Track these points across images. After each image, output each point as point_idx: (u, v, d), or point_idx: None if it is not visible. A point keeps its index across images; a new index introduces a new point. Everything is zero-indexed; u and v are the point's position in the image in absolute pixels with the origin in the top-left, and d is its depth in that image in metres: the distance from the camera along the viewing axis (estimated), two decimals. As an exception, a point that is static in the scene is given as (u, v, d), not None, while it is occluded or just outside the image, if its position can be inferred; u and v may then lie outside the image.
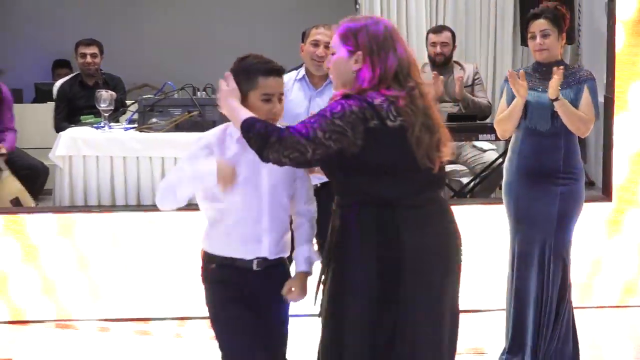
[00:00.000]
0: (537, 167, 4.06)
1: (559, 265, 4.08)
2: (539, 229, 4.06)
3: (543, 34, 4.00)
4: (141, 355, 4.58)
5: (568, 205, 4.03)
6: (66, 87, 6.54)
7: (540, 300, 4.13)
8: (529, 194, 4.08)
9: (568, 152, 4.01)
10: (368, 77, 2.46)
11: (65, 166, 5.33)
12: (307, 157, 2.40)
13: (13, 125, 6.02)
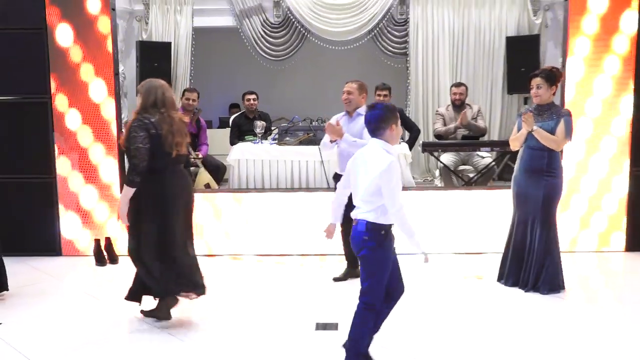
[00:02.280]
0: (531, 167, 4.85)
1: (543, 231, 4.82)
2: (531, 206, 4.86)
3: (538, 87, 4.76)
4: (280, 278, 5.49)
5: (550, 192, 4.82)
6: (237, 119, 7.85)
7: (528, 250, 4.93)
8: (526, 183, 4.89)
9: (550, 159, 4.78)
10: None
11: (236, 165, 6.76)
12: (146, 156, 3.86)
13: (206, 141, 7.41)
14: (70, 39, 5.85)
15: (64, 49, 5.86)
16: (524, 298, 4.86)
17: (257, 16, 8.92)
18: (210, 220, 6.13)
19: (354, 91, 5.04)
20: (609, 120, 5.88)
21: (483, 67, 8.74)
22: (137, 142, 3.89)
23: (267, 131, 7.28)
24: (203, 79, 9.22)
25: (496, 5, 8.58)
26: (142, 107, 4.05)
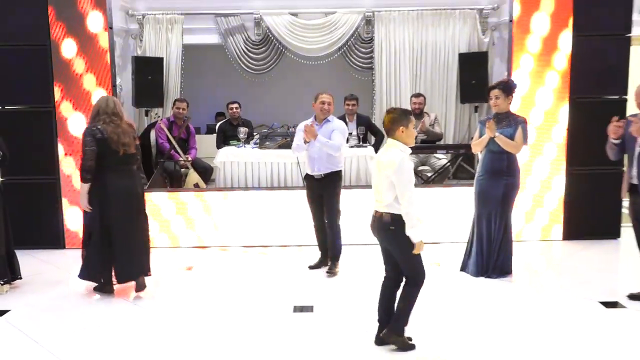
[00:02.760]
0: (492, 169, 4.85)
1: (501, 224, 4.88)
2: (491, 203, 4.88)
3: (496, 97, 4.79)
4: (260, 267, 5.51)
5: (508, 190, 4.85)
6: (222, 126, 7.84)
7: (487, 240, 4.96)
8: (487, 183, 4.89)
9: (508, 161, 4.81)
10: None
11: (222, 167, 6.75)
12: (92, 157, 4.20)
13: (195, 145, 7.43)
14: (74, 52, 5.81)
15: (68, 61, 5.82)
16: (478, 281, 4.93)
17: (240, 34, 8.92)
18: (200, 215, 6.13)
19: (331, 102, 5.09)
20: (550, 128, 5.98)
21: (439, 80, 8.79)
22: (86, 145, 4.28)
23: (249, 136, 7.31)
24: (192, 90, 9.19)
25: (450, 26, 8.64)
26: (91, 118, 4.45)
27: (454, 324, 4.01)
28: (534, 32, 5.83)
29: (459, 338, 3.79)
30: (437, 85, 8.79)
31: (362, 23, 8.76)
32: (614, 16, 5.91)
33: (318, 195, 5.04)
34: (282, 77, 9.51)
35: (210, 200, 6.14)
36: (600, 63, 5.85)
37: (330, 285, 4.87)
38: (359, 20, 8.72)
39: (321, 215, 5.16)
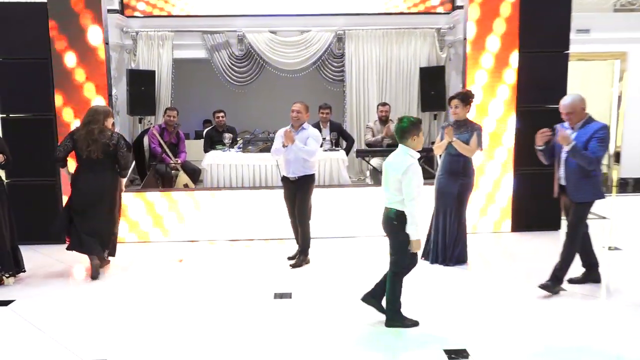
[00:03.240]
0: (450, 169, 4.90)
1: (456, 218, 4.93)
2: (447, 201, 4.93)
3: (456, 106, 4.83)
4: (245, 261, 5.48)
5: (463, 189, 4.89)
6: (209, 132, 7.75)
7: (444, 232, 4.99)
8: (445, 182, 4.93)
9: (464, 163, 4.85)
10: None
11: (209, 169, 6.74)
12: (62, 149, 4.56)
13: (185, 150, 7.34)
14: (74, 63, 5.70)
15: (70, 70, 5.71)
16: (437, 269, 4.97)
17: (224, 50, 8.90)
18: (190, 212, 6.06)
19: (301, 110, 5.02)
20: (501, 134, 6.02)
21: (402, 91, 8.87)
22: (63, 140, 4.80)
23: (234, 141, 7.27)
24: (182, 100, 9.11)
25: (412, 43, 8.72)
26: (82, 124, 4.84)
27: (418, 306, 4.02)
28: (487, 51, 5.87)
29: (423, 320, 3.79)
30: (401, 96, 8.86)
31: (334, 40, 8.81)
32: (554, 36, 5.99)
33: (293, 194, 5.03)
34: (263, 88, 9.48)
35: (200, 198, 6.07)
36: (543, 76, 5.91)
37: (307, 275, 4.87)
38: (332, 38, 8.77)
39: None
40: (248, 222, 6.04)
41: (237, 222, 6.04)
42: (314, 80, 9.24)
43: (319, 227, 5.90)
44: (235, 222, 6.03)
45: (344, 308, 4.03)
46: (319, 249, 5.53)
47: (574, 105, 4.06)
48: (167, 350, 3.42)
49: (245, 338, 3.55)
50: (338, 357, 3.27)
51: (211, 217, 6.06)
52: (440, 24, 8.62)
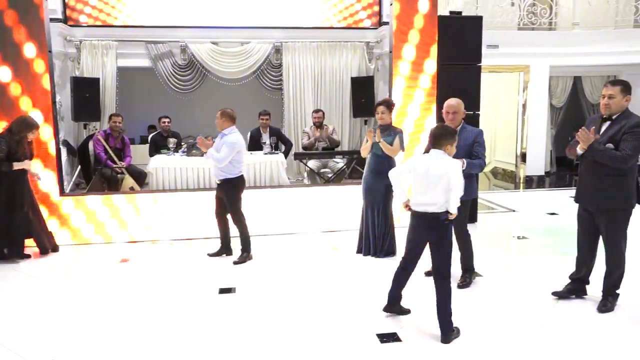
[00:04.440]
0: (375, 169, 4.91)
1: (384, 214, 4.96)
2: (375, 198, 4.95)
3: (382, 112, 4.88)
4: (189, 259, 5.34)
5: (389, 188, 4.66)
6: (154, 137, 7.56)
7: (373, 227, 5.01)
8: (372, 181, 4.94)
9: (388, 163, 4.84)
10: None
11: (154, 172, 6.56)
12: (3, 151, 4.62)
13: (130, 154, 7.10)
14: (9, 77, 5.30)
15: (4, 85, 5.30)
16: (370, 261, 5.01)
17: (168, 59, 8.66)
18: (135, 214, 5.82)
19: (218, 117, 4.92)
20: (419, 135, 6.11)
21: (336, 98, 8.92)
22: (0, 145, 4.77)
23: (178, 146, 7.06)
24: (127, 106, 8.73)
25: (343, 55, 8.82)
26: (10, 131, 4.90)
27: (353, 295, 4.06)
28: (404, 59, 5.97)
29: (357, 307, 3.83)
30: (334, 103, 8.93)
31: (272, 51, 8.78)
32: (468, 50, 6.20)
33: (219, 196, 4.98)
34: (206, 95, 9.23)
35: (145, 200, 5.85)
36: (459, 86, 6.00)
37: (249, 270, 4.80)
38: (270, 49, 8.74)
39: (220, 212, 5.06)
40: (190, 222, 5.87)
41: (180, 221, 5.86)
42: (254, 88, 9.16)
43: (261, 225, 5.87)
44: (178, 222, 5.85)
45: (284, 301, 4.00)
46: (261, 246, 5.48)
47: (459, 106, 4.07)
48: (113, 348, 3.28)
49: (191, 332, 3.45)
50: (279, 347, 3.24)
51: (155, 219, 5.85)
52: (369, 38, 8.77)
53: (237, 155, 4.81)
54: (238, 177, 4.89)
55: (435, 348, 3.19)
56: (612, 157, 3.37)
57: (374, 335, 3.36)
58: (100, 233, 5.75)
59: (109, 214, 5.73)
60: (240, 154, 4.86)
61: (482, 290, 4.19)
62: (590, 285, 3.90)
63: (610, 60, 9.45)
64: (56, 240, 5.46)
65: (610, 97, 3.48)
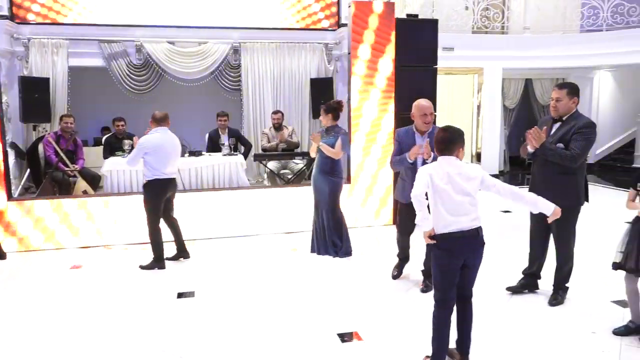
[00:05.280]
0: (321, 170, 4.97)
1: (331, 213, 4.99)
2: (322, 197, 5.00)
3: (321, 115, 4.99)
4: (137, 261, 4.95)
5: (333, 187, 4.94)
6: (108, 139, 7.28)
7: (322, 226, 5.07)
8: (319, 180, 4.99)
9: (332, 164, 4.91)
10: None
11: (109, 175, 6.38)
12: None
13: (83, 156, 6.86)
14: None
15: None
16: (327, 261, 5.02)
17: (122, 59, 8.44)
18: (88, 218, 5.62)
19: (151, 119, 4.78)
20: (375, 134, 6.18)
21: (295, 99, 8.93)
22: None
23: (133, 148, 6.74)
24: (79, 107, 8.47)
25: (302, 56, 8.84)
26: None
27: (311, 297, 4.06)
28: (360, 58, 6.00)
29: (316, 309, 3.83)
30: (294, 104, 8.93)
31: (230, 52, 8.72)
32: (425, 52, 6.30)
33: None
34: (163, 96, 9.05)
35: (98, 204, 5.65)
36: (417, 87, 6.10)
37: (210, 272, 4.72)
38: (228, 50, 8.67)
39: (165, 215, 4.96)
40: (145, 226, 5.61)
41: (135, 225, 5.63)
42: (213, 89, 9.07)
43: (221, 227, 5.81)
44: (132, 226, 5.66)
45: (245, 304, 3.96)
46: (221, 248, 5.41)
47: (432, 106, 4.05)
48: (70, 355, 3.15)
49: (149, 339, 3.36)
50: (240, 350, 3.21)
51: (110, 223, 5.68)
52: (328, 40, 8.82)
53: (153, 157, 4.60)
54: (152, 180, 4.67)
55: (395, 346, 3.22)
56: (563, 156, 3.49)
57: (334, 335, 3.37)
58: (50, 240, 5.52)
59: (59, 219, 5.52)
60: (157, 157, 4.62)
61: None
62: (542, 279, 4.03)
63: (558, 63, 9.84)
64: (2, 246, 5.24)
65: (557, 100, 3.62)
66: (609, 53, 9.44)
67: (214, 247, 5.50)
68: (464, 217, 2.68)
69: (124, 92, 8.61)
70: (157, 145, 4.62)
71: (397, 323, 3.56)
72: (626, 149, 11.27)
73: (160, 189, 4.72)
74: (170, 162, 4.74)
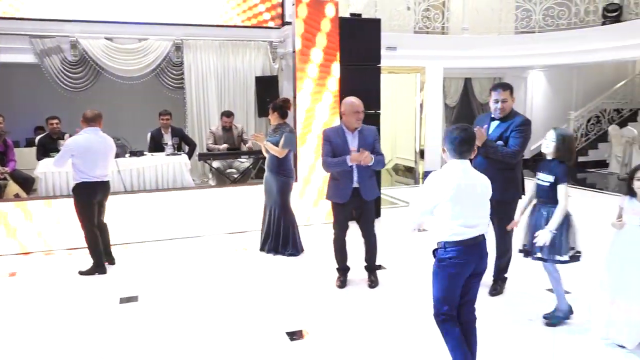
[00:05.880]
0: (270, 167, 4.97)
1: (281, 212, 4.99)
2: (272, 196, 5.04)
3: (269, 113, 4.97)
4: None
5: (282, 186, 4.95)
6: (42, 139, 6.88)
7: (271, 224, 5.08)
8: (269, 179, 5.00)
9: (279, 162, 4.90)
10: None
11: (43, 177, 6.11)
12: None
13: (14, 158, 6.50)
14: None
15: None
16: (275, 260, 5.02)
17: (56, 55, 8.06)
18: (23, 224, 5.35)
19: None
20: None
21: (240, 98, 8.85)
22: None
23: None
24: (9, 106, 7.97)
25: (247, 54, 8.77)
26: None
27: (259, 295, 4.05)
28: (312, 62, 6.06)
29: (264, 306, 3.82)
30: (239, 102, 8.86)
31: (172, 49, 8.55)
32: (368, 51, 6.38)
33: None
34: (101, 94, 8.68)
35: (33, 208, 5.38)
36: (361, 86, 6.20)
37: (153, 277, 4.61)
38: (170, 47, 8.49)
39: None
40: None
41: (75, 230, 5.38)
42: (154, 87, 8.81)
43: (166, 228, 5.70)
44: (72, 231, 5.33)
45: (192, 306, 3.90)
46: (166, 250, 5.31)
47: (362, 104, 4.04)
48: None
49: (90, 345, 3.25)
50: (187, 352, 3.15)
51: (47, 227, 5.42)
52: (272, 38, 8.79)
53: (81, 159, 4.43)
54: (80, 183, 4.49)
55: (343, 343, 3.26)
56: (504, 153, 3.65)
57: (283, 333, 3.37)
58: (-19, 245, 5.20)
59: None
60: (84, 159, 4.44)
61: (387, 283, 4.35)
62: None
63: (495, 63, 10.27)
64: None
65: (503, 100, 3.77)
66: (541, 54, 9.95)
67: (159, 250, 5.39)
68: (480, 227, 2.52)
69: (59, 90, 8.22)
70: (84, 147, 4.44)
71: (345, 320, 3.60)
72: (558, 145, 11.87)
73: (89, 192, 4.53)
74: (100, 165, 4.54)
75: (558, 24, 9.99)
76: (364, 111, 4.04)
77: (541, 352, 3.10)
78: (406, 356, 3.06)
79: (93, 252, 4.62)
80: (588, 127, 11.54)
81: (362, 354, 3.09)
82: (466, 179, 2.48)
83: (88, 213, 4.55)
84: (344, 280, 4.32)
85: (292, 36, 6.11)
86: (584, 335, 3.26)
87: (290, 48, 6.61)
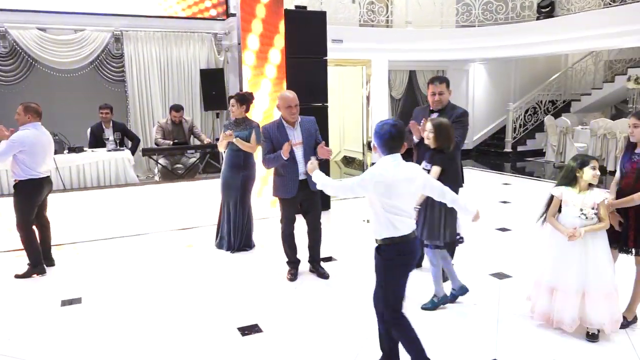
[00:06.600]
0: (232, 163, 4.89)
1: (242, 208, 4.93)
2: (232, 192, 4.94)
3: (232, 105, 4.85)
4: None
5: (245, 181, 4.93)
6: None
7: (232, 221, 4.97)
8: (229, 175, 4.91)
9: (244, 157, 4.86)
10: None
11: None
12: None
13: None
14: None
15: None
16: (224, 255, 4.96)
17: (-16, 46, 7.56)
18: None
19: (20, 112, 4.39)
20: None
21: (185, 91, 8.63)
22: None
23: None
24: None
25: (191, 45, 8.57)
26: None
27: (210, 291, 4.00)
28: (249, 49, 5.93)
29: (215, 303, 3.79)
30: (184, 96, 8.64)
31: (111, 40, 8.19)
32: (314, 44, 6.40)
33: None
34: (35, 88, 8.22)
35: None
36: (308, 78, 6.27)
37: (96, 277, 4.47)
38: (109, 38, 8.14)
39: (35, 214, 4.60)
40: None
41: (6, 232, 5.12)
42: (93, 80, 8.43)
43: (109, 226, 5.54)
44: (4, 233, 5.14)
45: (138, 305, 3.82)
46: (109, 250, 5.17)
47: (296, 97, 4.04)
48: None
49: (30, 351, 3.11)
50: (135, 352, 3.08)
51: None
52: (217, 29, 8.64)
53: (29, 155, 4.26)
54: (26, 180, 4.32)
55: (295, 337, 3.28)
56: None
57: (235, 329, 3.36)
58: None
59: None
60: (32, 155, 4.28)
61: (338, 275, 4.39)
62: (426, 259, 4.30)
63: (438, 56, 10.57)
64: None
65: (440, 93, 3.94)
66: (481, 47, 10.32)
67: (102, 249, 5.22)
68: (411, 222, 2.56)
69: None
70: (34, 143, 4.29)
71: (297, 313, 3.62)
72: (498, 135, 12.38)
73: (36, 190, 4.39)
74: (46, 161, 4.44)
75: (496, 18, 10.38)
76: (298, 105, 4.02)
77: (485, 339, 3.22)
78: (358, 346, 3.10)
79: (31, 252, 4.43)
80: (526, 117, 12.06)
81: (314, 346, 3.11)
82: (398, 174, 2.47)
83: (30, 211, 4.40)
84: (295, 273, 4.35)
85: (237, 28, 6.03)
86: (528, 321, 3.40)
87: (236, 40, 6.56)
